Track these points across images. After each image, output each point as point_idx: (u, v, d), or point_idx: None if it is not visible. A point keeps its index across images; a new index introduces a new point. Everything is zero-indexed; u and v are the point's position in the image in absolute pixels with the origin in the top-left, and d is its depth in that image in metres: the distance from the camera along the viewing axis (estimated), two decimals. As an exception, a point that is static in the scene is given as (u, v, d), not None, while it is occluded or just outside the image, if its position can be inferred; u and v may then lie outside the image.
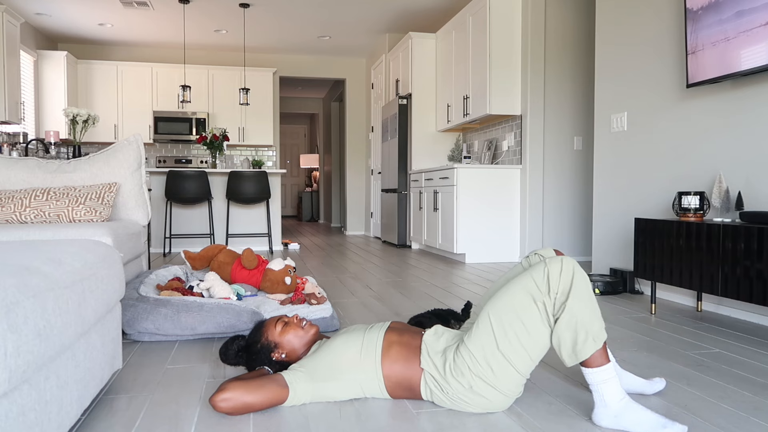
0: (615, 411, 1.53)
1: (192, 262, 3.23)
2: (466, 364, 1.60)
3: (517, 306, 1.58)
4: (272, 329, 1.84)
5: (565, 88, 5.19)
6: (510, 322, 1.57)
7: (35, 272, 1.19)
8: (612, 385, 1.53)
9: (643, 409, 1.51)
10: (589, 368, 1.55)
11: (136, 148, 3.25)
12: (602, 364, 1.54)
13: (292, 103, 12.95)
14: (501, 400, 1.62)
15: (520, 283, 1.60)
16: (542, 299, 1.56)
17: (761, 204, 2.83)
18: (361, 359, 1.69)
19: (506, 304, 1.59)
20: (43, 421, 1.16)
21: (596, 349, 1.53)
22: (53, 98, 7.40)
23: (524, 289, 1.58)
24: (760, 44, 2.69)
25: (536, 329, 1.57)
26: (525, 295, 1.58)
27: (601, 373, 1.54)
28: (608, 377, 1.54)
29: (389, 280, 4.21)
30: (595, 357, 1.54)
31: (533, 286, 1.57)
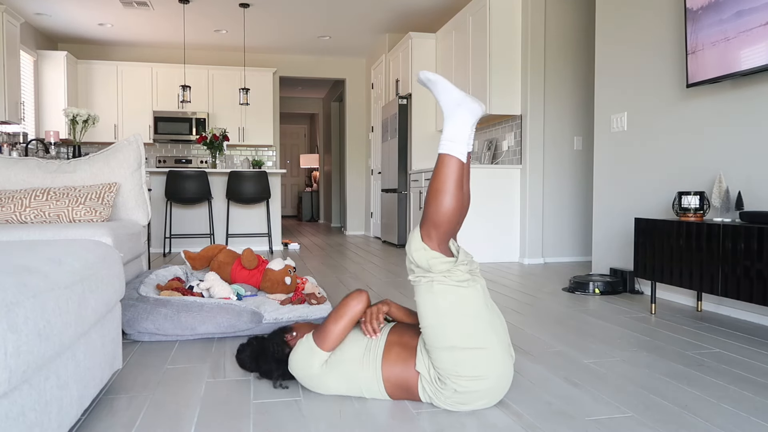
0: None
1: (192, 262, 3.23)
2: (440, 372, 1.62)
3: (426, 303, 1.62)
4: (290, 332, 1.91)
5: (565, 88, 5.19)
6: (434, 318, 1.60)
7: (35, 272, 1.19)
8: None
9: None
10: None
11: (136, 148, 3.25)
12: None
13: (292, 103, 12.95)
14: (489, 387, 1.61)
15: (418, 296, 1.65)
16: (438, 285, 1.60)
17: (761, 204, 2.83)
18: (363, 359, 1.70)
19: (425, 315, 1.62)
20: (43, 421, 1.16)
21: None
22: (53, 98, 7.40)
23: (422, 295, 1.63)
24: (760, 44, 2.69)
25: (452, 303, 1.59)
26: (425, 298, 1.62)
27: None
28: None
29: (389, 280, 4.20)
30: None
31: (423, 286, 1.63)
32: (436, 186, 1.63)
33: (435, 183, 1.63)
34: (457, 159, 1.62)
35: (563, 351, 2.31)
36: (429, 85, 1.70)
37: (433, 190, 1.63)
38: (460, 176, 1.63)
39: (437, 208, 1.61)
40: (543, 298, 3.48)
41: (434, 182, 1.63)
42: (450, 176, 1.61)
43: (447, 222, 1.61)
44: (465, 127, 1.63)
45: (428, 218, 1.63)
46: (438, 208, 1.61)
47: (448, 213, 1.61)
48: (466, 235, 5.21)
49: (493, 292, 3.67)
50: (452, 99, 1.64)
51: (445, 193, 1.61)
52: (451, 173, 1.62)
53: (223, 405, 1.72)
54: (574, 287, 3.69)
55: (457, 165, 1.62)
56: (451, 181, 1.61)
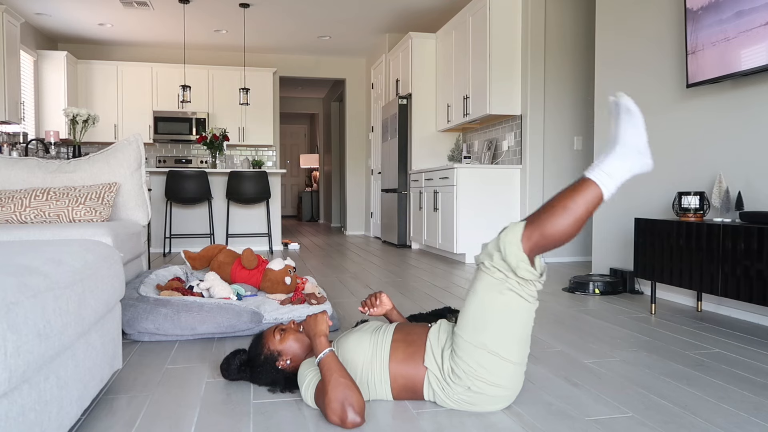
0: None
1: (192, 262, 3.23)
2: (460, 368, 1.60)
3: (485, 302, 1.59)
4: (272, 339, 1.84)
5: (565, 88, 5.19)
6: (484, 321, 1.58)
7: (35, 272, 1.19)
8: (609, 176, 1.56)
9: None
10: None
11: (136, 148, 3.25)
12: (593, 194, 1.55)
13: (292, 103, 12.95)
14: (502, 395, 1.62)
15: (479, 281, 1.62)
16: (505, 285, 1.57)
17: (761, 204, 2.83)
18: (370, 362, 1.70)
19: (475, 305, 1.60)
20: (43, 421, 1.16)
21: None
22: (53, 98, 7.40)
23: (484, 288, 1.60)
24: (760, 44, 2.68)
25: (509, 312, 1.57)
26: (486, 292, 1.59)
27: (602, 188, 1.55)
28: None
29: (389, 280, 4.20)
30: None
31: (490, 280, 1.59)
32: (568, 204, 1.54)
33: (569, 201, 1.55)
34: (602, 194, 1.55)
35: (563, 351, 2.31)
36: (623, 113, 1.57)
37: (562, 207, 1.55)
38: (593, 210, 1.57)
39: (556, 225, 1.54)
40: (543, 298, 3.48)
41: (568, 200, 1.55)
42: (587, 205, 1.55)
43: (555, 241, 1.56)
44: (628, 173, 1.56)
45: (540, 226, 1.55)
46: (557, 225, 1.54)
47: (563, 234, 1.55)
48: (466, 235, 5.21)
49: (493, 292, 3.66)
50: (638, 142, 1.55)
51: (573, 216, 1.54)
52: (589, 202, 1.55)
53: (223, 405, 1.72)
54: (574, 287, 3.69)
55: (599, 199, 1.55)
56: (584, 209, 1.55)
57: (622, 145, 1.55)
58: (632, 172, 1.56)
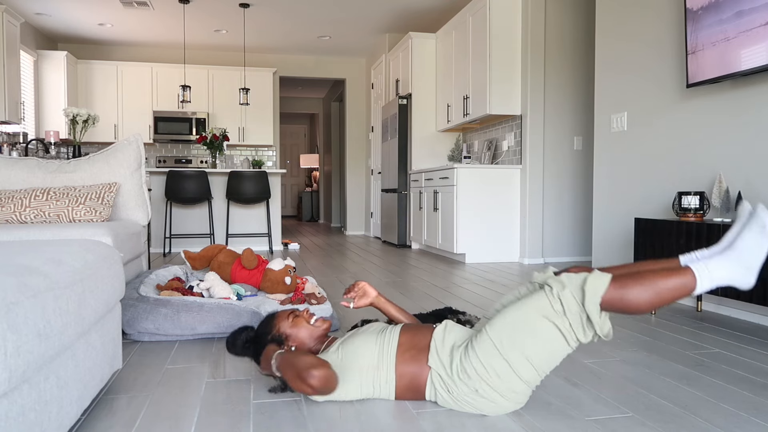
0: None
1: (192, 262, 3.23)
2: (473, 367, 1.59)
3: (529, 323, 1.56)
4: (284, 321, 1.85)
5: (565, 88, 5.19)
6: (521, 336, 1.56)
7: (35, 272, 1.19)
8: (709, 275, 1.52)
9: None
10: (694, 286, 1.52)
11: (136, 148, 3.25)
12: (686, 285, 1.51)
13: (292, 103, 12.95)
14: (505, 406, 1.62)
15: (533, 300, 1.58)
16: (558, 319, 1.55)
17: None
18: (377, 362, 1.70)
19: (519, 317, 1.58)
20: (43, 421, 1.16)
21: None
22: (53, 98, 7.40)
23: (535, 310, 1.56)
24: (760, 44, 2.69)
25: (546, 343, 1.56)
26: (537, 314, 1.56)
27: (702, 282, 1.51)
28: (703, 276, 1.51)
29: (389, 280, 4.20)
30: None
31: (547, 306, 1.56)
32: (658, 283, 1.51)
33: (660, 280, 1.52)
34: (694, 288, 1.52)
35: (563, 351, 2.31)
36: (755, 224, 1.53)
37: (651, 282, 1.51)
38: (677, 298, 1.54)
39: (639, 297, 1.51)
40: (543, 298, 3.48)
41: (660, 279, 1.52)
42: (674, 292, 1.52)
43: (629, 309, 1.52)
44: (726, 281, 1.52)
45: (624, 290, 1.51)
46: (639, 298, 1.51)
47: (639, 308, 1.52)
48: (466, 235, 5.21)
49: (493, 292, 3.67)
50: (753, 260, 1.51)
51: (657, 296, 1.51)
52: (678, 291, 1.51)
53: (223, 405, 1.72)
54: (574, 287, 3.69)
55: (688, 291, 1.52)
56: (670, 294, 1.52)
57: (737, 254, 1.52)
58: (730, 282, 1.52)
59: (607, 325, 1.54)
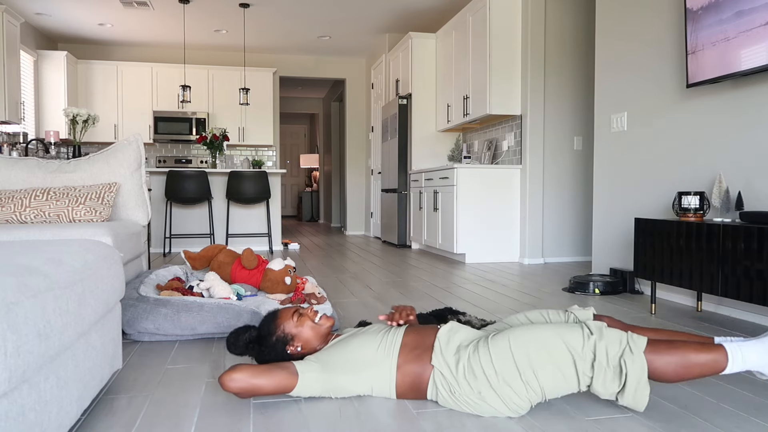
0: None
1: (192, 262, 3.23)
2: (481, 368, 1.59)
3: (552, 350, 1.56)
4: (288, 320, 1.82)
5: (565, 88, 5.19)
6: (541, 357, 1.57)
7: (35, 272, 1.19)
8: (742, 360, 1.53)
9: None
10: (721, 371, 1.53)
11: (136, 148, 3.25)
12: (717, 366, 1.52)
13: (292, 103, 12.95)
14: (505, 412, 1.61)
15: (567, 331, 1.58)
16: (581, 363, 1.55)
17: (761, 204, 2.83)
18: (377, 357, 1.70)
19: (545, 340, 1.58)
20: (43, 421, 1.16)
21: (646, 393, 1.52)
22: (53, 98, 7.40)
23: (564, 341, 1.57)
24: (760, 44, 2.69)
25: (560, 377, 1.57)
26: (564, 347, 1.56)
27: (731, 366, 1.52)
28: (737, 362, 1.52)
29: (389, 280, 4.20)
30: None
31: (578, 346, 1.56)
32: (690, 356, 1.53)
33: (692, 354, 1.53)
34: (724, 369, 1.53)
35: (563, 351, 2.31)
36: None
37: (683, 355, 1.54)
38: (705, 375, 1.55)
39: (668, 366, 1.53)
40: (543, 298, 3.48)
41: (692, 353, 1.53)
42: (704, 368, 1.53)
43: (655, 375, 1.55)
44: (756, 366, 1.53)
45: (655, 357, 1.53)
46: (668, 367, 1.53)
47: (664, 376, 1.55)
48: (466, 235, 5.21)
49: (493, 293, 3.67)
50: None
51: (684, 369, 1.53)
52: (707, 367, 1.53)
53: (223, 405, 1.72)
54: (574, 287, 3.69)
55: (717, 370, 1.54)
56: (699, 369, 1.54)
57: None
58: (760, 367, 1.53)
59: (644, 394, 1.52)
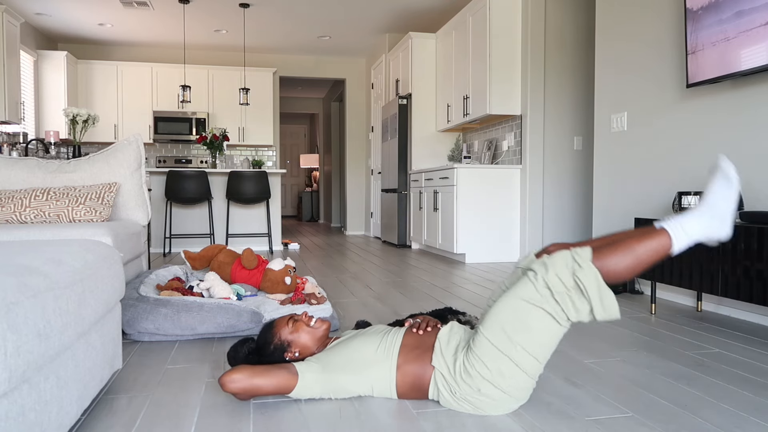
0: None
1: (192, 262, 3.23)
2: (475, 368, 1.60)
3: (519, 314, 1.57)
4: (284, 328, 1.84)
5: (565, 88, 5.19)
6: (516, 332, 1.56)
7: (35, 272, 1.19)
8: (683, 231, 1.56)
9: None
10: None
11: (136, 148, 3.25)
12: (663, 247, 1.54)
13: (292, 103, 12.95)
14: (507, 403, 1.62)
15: (519, 289, 1.59)
16: (546, 304, 1.55)
17: (761, 204, 2.84)
18: (377, 357, 1.70)
19: (509, 312, 1.58)
20: (43, 421, 1.16)
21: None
22: (53, 98, 7.40)
23: (522, 299, 1.57)
24: (760, 44, 2.68)
25: (541, 331, 1.56)
26: (525, 304, 1.56)
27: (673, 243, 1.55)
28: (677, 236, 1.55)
29: (389, 280, 4.20)
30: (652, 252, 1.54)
31: (533, 293, 1.56)
32: (635, 248, 1.54)
33: (636, 244, 1.54)
34: (671, 247, 1.55)
35: (563, 351, 2.31)
36: (720, 175, 1.57)
37: (628, 248, 1.54)
38: (657, 261, 1.56)
39: (619, 264, 1.53)
40: (543, 298, 3.48)
41: (636, 243, 1.55)
42: (652, 253, 1.55)
43: (611, 278, 1.54)
44: (703, 236, 1.56)
45: (604, 260, 1.53)
46: (619, 264, 1.53)
47: (621, 275, 1.54)
48: (466, 235, 5.21)
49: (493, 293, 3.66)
50: (724, 209, 1.55)
51: (636, 260, 1.54)
52: (656, 252, 1.55)
53: (223, 405, 1.72)
54: (574, 287, 3.69)
55: (666, 251, 1.55)
56: (648, 257, 1.55)
57: (708, 207, 1.55)
58: (707, 236, 1.54)
59: (609, 298, 1.50)
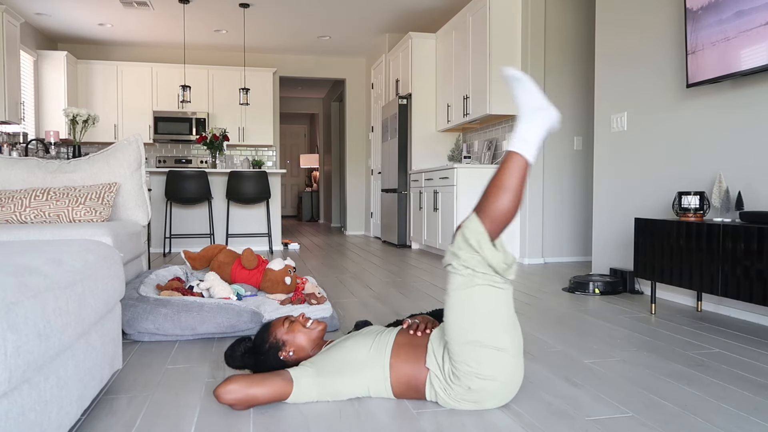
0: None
1: (192, 262, 3.23)
2: (458, 369, 1.61)
3: (461, 301, 1.61)
4: (280, 328, 1.85)
5: (565, 88, 5.18)
6: (468, 320, 1.60)
7: (35, 272, 1.19)
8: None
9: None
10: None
11: (136, 148, 3.25)
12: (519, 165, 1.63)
13: (292, 103, 12.95)
14: (502, 390, 1.62)
15: (453, 282, 1.64)
16: (476, 279, 1.60)
17: (761, 204, 2.83)
18: (370, 358, 1.70)
19: (454, 307, 1.62)
20: (43, 421, 1.16)
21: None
22: (53, 98, 7.40)
23: (456, 287, 1.62)
24: (760, 44, 2.68)
25: (489, 304, 1.60)
26: (460, 291, 1.61)
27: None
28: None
29: (389, 280, 4.20)
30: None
31: (460, 279, 1.62)
32: (502, 182, 1.62)
33: (501, 179, 1.63)
34: (526, 160, 1.63)
35: (563, 351, 2.31)
36: (513, 82, 1.70)
37: (497, 187, 1.62)
38: (525, 177, 1.63)
39: (498, 205, 1.61)
40: (543, 298, 3.48)
41: (500, 178, 1.63)
42: (517, 175, 1.62)
43: (504, 219, 1.61)
44: (540, 131, 1.65)
45: (488, 211, 1.61)
46: (499, 205, 1.61)
47: (507, 210, 1.61)
48: (466, 235, 5.20)
49: (493, 292, 3.66)
50: (533, 102, 1.66)
51: (510, 191, 1.61)
52: (518, 172, 1.62)
53: (223, 405, 1.72)
54: (574, 287, 3.69)
55: (525, 165, 1.63)
56: (516, 180, 1.62)
57: (525, 110, 1.67)
58: (543, 128, 1.65)
59: (503, 254, 1.61)
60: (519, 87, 1.68)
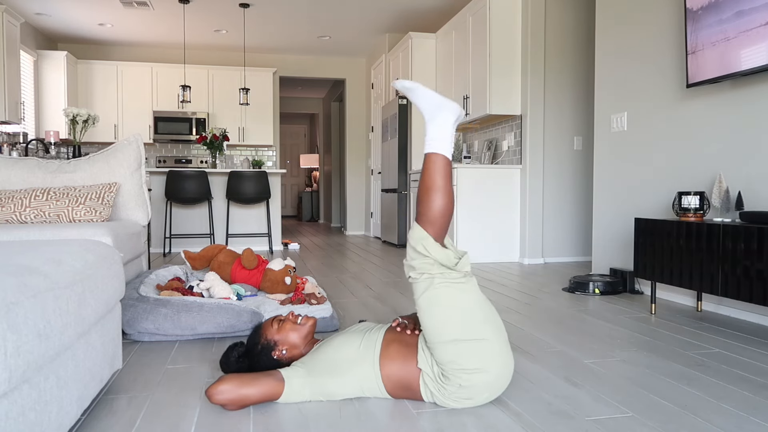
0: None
1: (192, 262, 3.23)
2: (446, 369, 1.62)
3: (429, 305, 1.64)
4: (270, 328, 1.86)
5: (565, 88, 5.19)
6: (439, 318, 1.62)
7: (35, 272, 1.19)
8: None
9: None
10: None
11: (136, 148, 3.25)
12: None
13: (292, 103, 12.95)
14: (493, 381, 1.63)
15: (418, 294, 1.68)
16: (437, 281, 1.64)
17: (761, 204, 2.83)
18: (359, 356, 1.70)
19: (426, 310, 1.65)
20: (43, 421, 1.16)
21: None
22: (53, 98, 7.40)
23: (422, 291, 1.66)
24: (760, 44, 2.68)
25: (455, 298, 1.63)
26: (429, 294, 1.65)
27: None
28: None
29: (389, 280, 4.20)
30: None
31: (423, 285, 1.66)
32: (429, 185, 1.70)
33: (427, 182, 1.70)
34: (444, 156, 1.71)
35: (563, 351, 2.31)
36: (407, 93, 1.77)
37: (426, 190, 1.70)
38: (449, 173, 1.70)
39: (432, 206, 1.68)
40: (543, 298, 3.48)
41: (426, 181, 1.71)
42: (439, 173, 1.69)
43: (441, 218, 1.67)
44: (447, 126, 1.72)
45: (425, 215, 1.68)
46: (433, 206, 1.68)
47: (442, 209, 1.67)
48: (466, 235, 5.21)
49: (493, 292, 3.67)
50: (432, 103, 1.73)
51: (439, 190, 1.68)
52: (440, 170, 1.70)
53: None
54: (574, 287, 3.69)
55: (445, 162, 1.71)
56: (440, 177, 1.69)
57: (425, 113, 1.75)
58: (448, 122, 1.72)
59: (452, 251, 1.69)
60: (414, 94, 1.75)
